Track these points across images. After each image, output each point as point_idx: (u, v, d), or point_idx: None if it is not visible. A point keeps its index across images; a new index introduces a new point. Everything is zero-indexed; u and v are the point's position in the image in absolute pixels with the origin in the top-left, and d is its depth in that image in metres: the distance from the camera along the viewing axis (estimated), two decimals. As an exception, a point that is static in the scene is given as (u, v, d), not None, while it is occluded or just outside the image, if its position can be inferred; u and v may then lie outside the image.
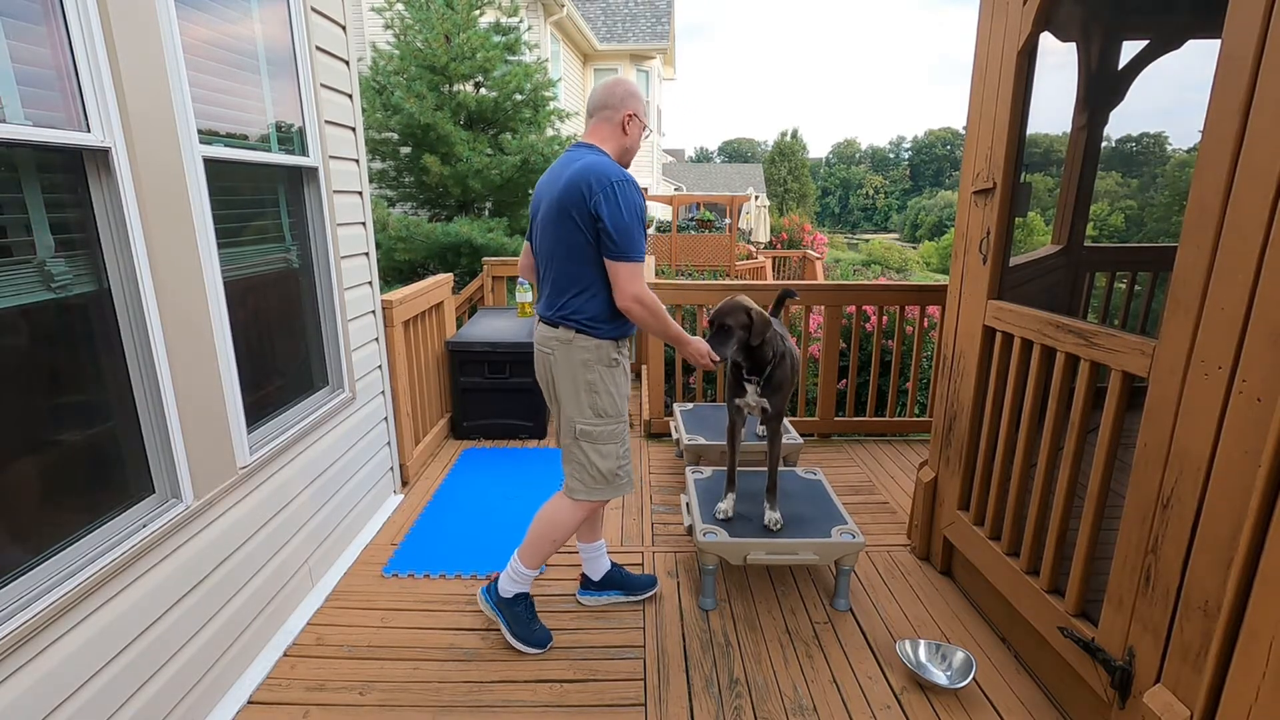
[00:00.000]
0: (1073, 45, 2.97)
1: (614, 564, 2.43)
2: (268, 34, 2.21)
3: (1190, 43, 2.98)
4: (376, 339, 3.06)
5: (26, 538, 1.39)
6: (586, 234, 1.82)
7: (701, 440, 3.26)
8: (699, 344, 2.09)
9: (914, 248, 38.09)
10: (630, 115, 1.99)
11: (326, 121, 2.54)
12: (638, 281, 1.85)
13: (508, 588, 2.15)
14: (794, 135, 42.65)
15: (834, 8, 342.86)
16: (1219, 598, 1.30)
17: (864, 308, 4.02)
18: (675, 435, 3.54)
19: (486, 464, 3.63)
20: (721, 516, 2.43)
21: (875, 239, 39.79)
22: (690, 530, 2.47)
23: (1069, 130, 3.16)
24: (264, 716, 1.88)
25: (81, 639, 1.42)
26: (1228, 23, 1.29)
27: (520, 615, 2.15)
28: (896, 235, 55.27)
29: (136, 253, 1.59)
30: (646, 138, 2.13)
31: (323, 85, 2.51)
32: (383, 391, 3.11)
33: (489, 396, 3.94)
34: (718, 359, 2.13)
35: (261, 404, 2.20)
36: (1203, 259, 1.35)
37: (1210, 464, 1.33)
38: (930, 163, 74.93)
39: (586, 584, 2.41)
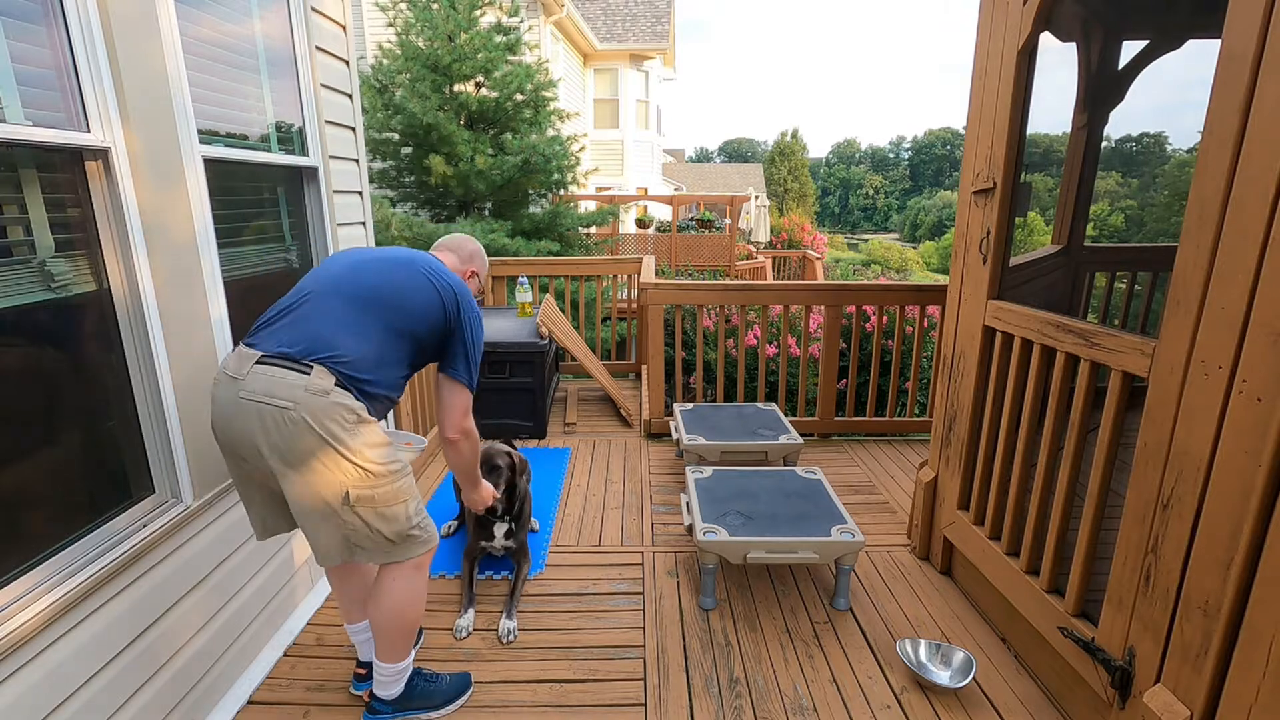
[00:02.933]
0: (1072, 45, 2.98)
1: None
2: (268, 33, 2.21)
3: (1190, 43, 2.98)
4: (376, 339, 3.05)
5: (27, 537, 1.39)
6: (430, 338, 1.69)
7: (701, 440, 3.26)
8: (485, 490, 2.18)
9: (914, 248, 38.06)
10: (472, 272, 2.02)
11: (326, 121, 2.54)
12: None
13: (390, 690, 1.78)
14: (794, 135, 42.58)
15: (834, 7, 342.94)
16: (1219, 598, 1.30)
17: (864, 308, 4.02)
18: (675, 435, 3.54)
19: (486, 464, 3.63)
20: (462, 635, 2.21)
21: (875, 239, 39.78)
22: (690, 530, 2.47)
23: (1069, 130, 3.16)
24: (264, 716, 1.88)
25: (82, 638, 1.42)
26: (1228, 23, 1.29)
27: (423, 692, 1.84)
28: (896, 235, 55.27)
29: (136, 253, 1.59)
30: (480, 300, 2.08)
31: (323, 85, 2.51)
32: (383, 391, 3.11)
33: (489, 396, 3.93)
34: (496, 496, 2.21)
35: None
36: (1203, 259, 1.35)
37: (1210, 464, 1.33)
38: (930, 163, 74.97)
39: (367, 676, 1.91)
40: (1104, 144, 3.17)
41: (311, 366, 1.49)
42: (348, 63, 2.76)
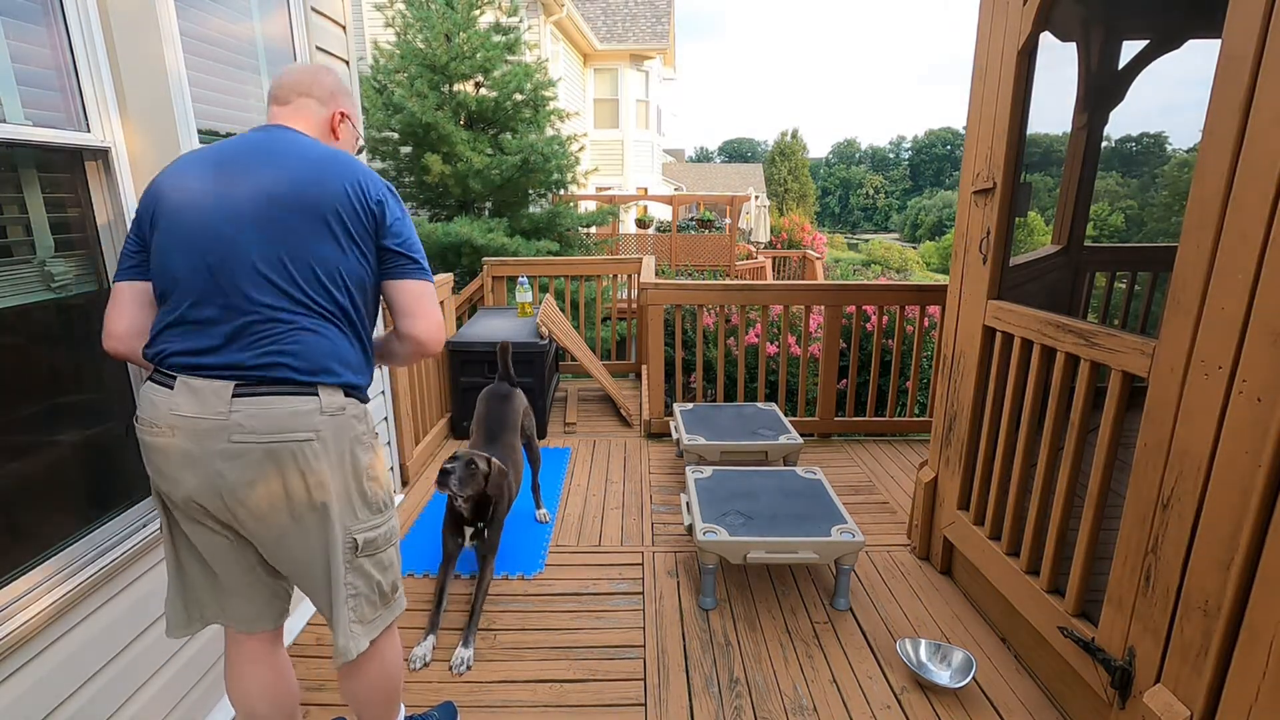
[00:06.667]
0: (1072, 45, 2.98)
1: None
2: (268, 33, 2.21)
3: (1190, 43, 2.98)
4: (376, 339, 3.05)
5: (26, 538, 1.39)
6: (358, 248, 1.25)
7: (701, 440, 3.26)
8: None
9: (914, 248, 38.02)
10: (342, 115, 1.44)
11: (326, 121, 2.53)
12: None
13: None
14: (794, 135, 42.57)
15: (835, 7, 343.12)
16: (1219, 598, 1.30)
17: (864, 308, 4.02)
18: (675, 435, 3.54)
19: (486, 464, 3.62)
20: (417, 666, 2.03)
21: (875, 239, 39.75)
22: (690, 530, 2.47)
23: (1069, 130, 3.16)
24: (264, 716, 1.88)
25: (82, 639, 1.42)
26: (1228, 23, 1.29)
27: None
28: (896, 235, 55.21)
29: (136, 252, 1.58)
30: (360, 153, 1.52)
31: (323, 85, 2.50)
32: (383, 391, 3.11)
33: (489, 396, 3.93)
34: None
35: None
36: (1203, 259, 1.35)
37: (1210, 464, 1.33)
38: (930, 163, 74.91)
39: None
40: (1104, 144, 3.17)
41: (314, 386, 1.19)
42: (348, 63, 2.75)
